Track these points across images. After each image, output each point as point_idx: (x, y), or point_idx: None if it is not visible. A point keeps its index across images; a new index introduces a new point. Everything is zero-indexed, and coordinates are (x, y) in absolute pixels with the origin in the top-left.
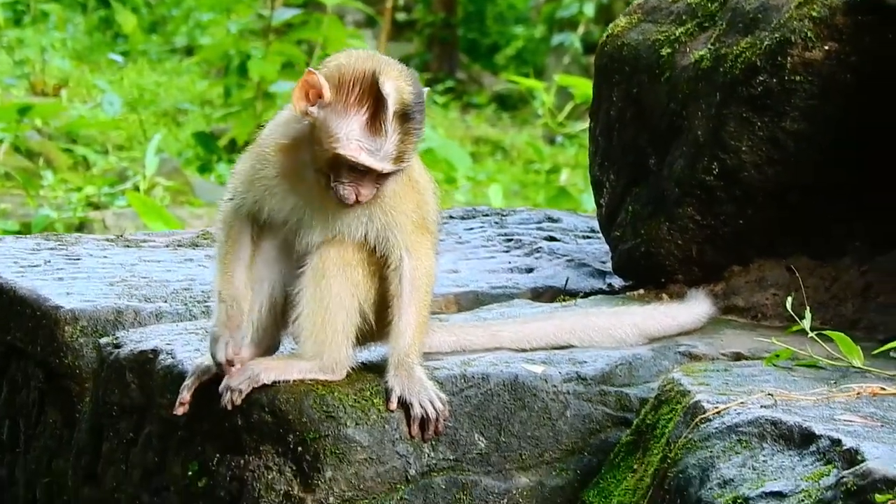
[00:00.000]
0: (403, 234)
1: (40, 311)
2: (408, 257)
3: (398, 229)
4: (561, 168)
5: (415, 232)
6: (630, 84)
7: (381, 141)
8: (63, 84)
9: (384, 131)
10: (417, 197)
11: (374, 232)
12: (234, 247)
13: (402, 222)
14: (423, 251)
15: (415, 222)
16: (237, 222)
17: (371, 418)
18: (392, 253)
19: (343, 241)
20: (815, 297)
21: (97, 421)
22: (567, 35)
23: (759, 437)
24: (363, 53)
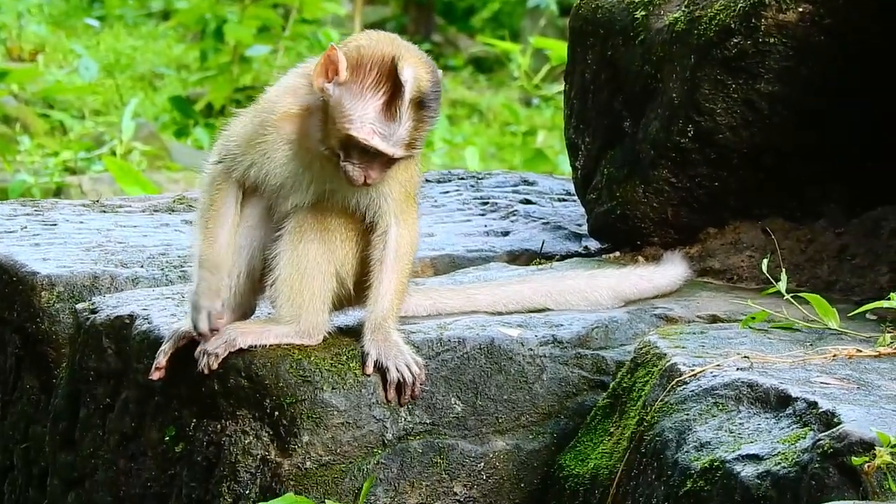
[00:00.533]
0: (396, 202)
1: (17, 277)
2: (396, 225)
3: (391, 198)
4: (537, 130)
5: (405, 201)
6: (604, 47)
7: (395, 126)
8: (39, 49)
9: (399, 117)
10: (412, 169)
11: (368, 199)
12: (220, 211)
13: (396, 191)
14: (410, 220)
15: (406, 191)
16: (224, 186)
17: (348, 383)
18: (381, 220)
19: (324, 206)
20: (791, 259)
21: (74, 386)
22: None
23: (735, 399)
24: (385, 37)
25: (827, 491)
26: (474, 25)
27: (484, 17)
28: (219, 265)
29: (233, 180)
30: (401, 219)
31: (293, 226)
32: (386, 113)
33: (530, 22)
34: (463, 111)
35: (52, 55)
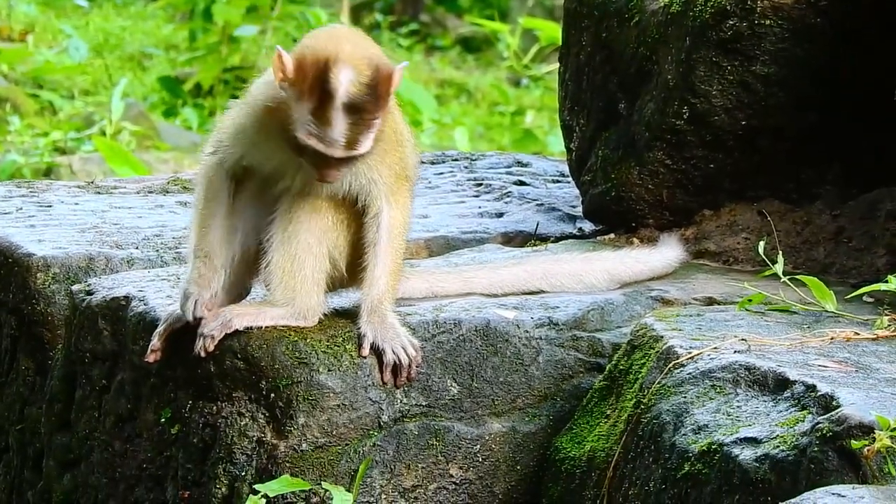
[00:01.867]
0: (386, 185)
1: (12, 258)
2: (388, 207)
3: (382, 182)
4: (526, 110)
5: (395, 182)
6: (599, 28)
7: (329, 130)
8: (29, 29)
9: (331, 120)
10: (401, 150)
11: (358, 186)
12: (213, 202)
13: (386, 175)
14: (402, 200)
15: (396, 174)
16: (217, 177)
17: (343, 364)
18: (373, 203)
19: (315, 190)
20: (787, 241)
21: (70, 368)
22: None
23: (732, 382)
24: (329, 35)
25: (826, 475)
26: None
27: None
28: (209, 254)
29: (225, 171)
30: (392, 200)
31: (284, 209)
32: (320, 116)
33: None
34: (451, 91)
35: (42, 35)
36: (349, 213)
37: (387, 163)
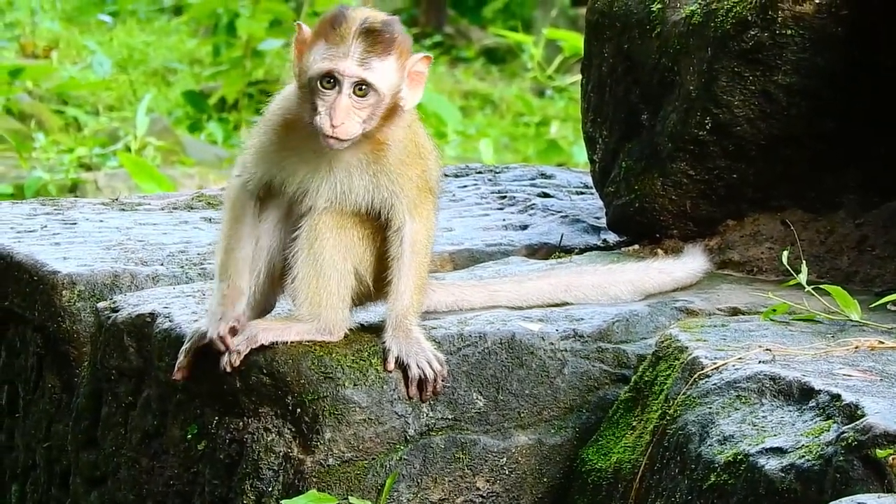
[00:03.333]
0: (408, 198)
1: (37, 276)
2: (410, 220)
3: (403, 195)
4: (550, 121)
5: (418, 195)
6: (621, 40)
7: (343, 48)
8: (53, 46)
9: (343, 38)
10: (423, 163)
11: (380, 198)
12: (237, 224)
13: (408, 188)
14: (425, 214)
15: (419, 186)
16: (242, 199)
17: (369, 379)
18: (395, 217)
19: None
20: (811, 250)
21: (96, 385)
22: None
23: (758, 392)
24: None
25: (851, 484)
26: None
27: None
28: (233, 276)
29: (248, 192)
30: (415, 213)
31: (309, 225)
32: (334, 39)
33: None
34: (476, 102)
35: (66, 51)
36: (373, 227)
37: (408, 175)
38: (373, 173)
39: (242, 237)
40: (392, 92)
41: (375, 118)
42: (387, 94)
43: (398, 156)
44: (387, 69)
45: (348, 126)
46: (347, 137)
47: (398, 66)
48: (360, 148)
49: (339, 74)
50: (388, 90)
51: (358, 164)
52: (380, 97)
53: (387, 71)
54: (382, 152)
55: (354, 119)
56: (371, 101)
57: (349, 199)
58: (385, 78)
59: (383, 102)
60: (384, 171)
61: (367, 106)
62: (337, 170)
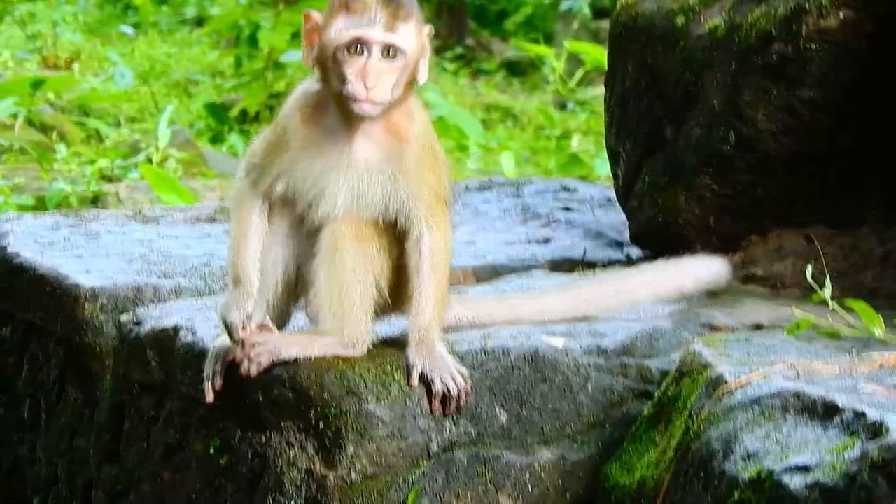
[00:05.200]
0: (425, 206)
1: (60, 288)
2: (428, 231)
3: (420, 201)
4: (572, 134)
5: (435, 205)
6: (644, 54)
7: (368, 15)
8: (75, 57)
9: (366, 6)
10: (439, 169)
11: (398, 203)
12: (244, 225)
13: (425, 194)
14: (442, 225)
15: (436, 194)
16: (252, 202)
17: (392, 393)
18: (413, 226)
19: (357, 215)
20: (835, 265)
21: (118, 398)
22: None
23: (782, 409)
24: None
25: (877, 501)
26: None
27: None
28: (241, 278)
29: (258, 194)
30: (432, 224)
31: (329, 238)
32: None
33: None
34: (497, 115)
35: (88, 63)
36: (391, 238)
37: (426, 180)
38: (391, 173)
39: (250, 236)
40: (415, 58)
41: (401, 85)
42: (411, 58)
43: (416, 155)
44: (411, 33)
45: (381, 89)
46: (381, 100)
47: (418, 34)
48: (379, 142)
49: (368, 40)
50: (412, 54)
51: (377, 162)
52: (406, 60)
53: (411, 35)
54: (401, 147)
55: (385, 82)
56: (399, 65)
57: (367, 200)
58: (410, 42)
59: (408, 68)
60: (402, 172)
61: (396, 69)
62: (356, 165)
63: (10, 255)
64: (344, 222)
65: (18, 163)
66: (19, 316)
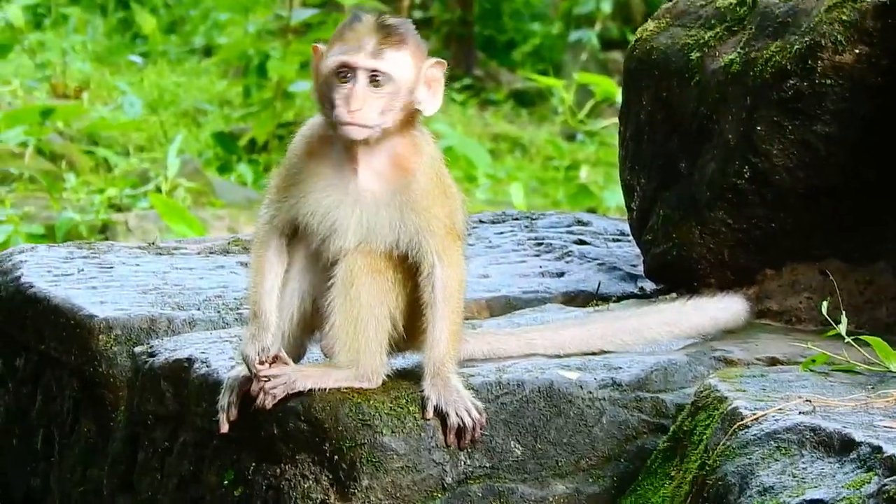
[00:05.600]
0: (435, 239)
1: (74, 320)
2: (440, 265)
3: (430, 234)
4: (580, 165)
5: (446, 238)
6: (659, 88)
7: (357, 42)
8: (84, 86)
9: (357, 34)
10: (449, 203)
11: (408, 237)
12: (264, 263)
13: (435, 227)
14: (454, 258)
15: (447, 227)
16: (269, 237)
17: (407, 426)
18: (424, 260)
19: (371, 248)
20: (850, 300)
21: (132, 430)
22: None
23: (798, 443)
24: None
25: None
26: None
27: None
28: (258, 312)
29: (276, 229)
30: (444, 257)
31: (344, 271)
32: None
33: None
34: (505, 146)
35: (97, 92)
36: (404, 272)
37: (435, 213)
38: (399, 206)
39: (266, 272)
40: (408, 86)
41: (393, 111)
42: (402, 85)
43: (424, 188)
44: (401, 61)
45: (365, 112)
46: (366, 123)
47: (413, 63)
48: (385, 174)
49: (354, 65)
50: (404, 82)
51: (383, 194)
52: (396, 86)
53: (401, 63)
54: (408, 180)
55: (371, 106)
56: (388, 91)
57: (377, 233)
58: (399, 68)
59: (399, 94)
60: (410, 205)
61: (384, 95)
62: (363, 198)
63: (24, 285)
64: (358, 255)
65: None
66: (33, 347)
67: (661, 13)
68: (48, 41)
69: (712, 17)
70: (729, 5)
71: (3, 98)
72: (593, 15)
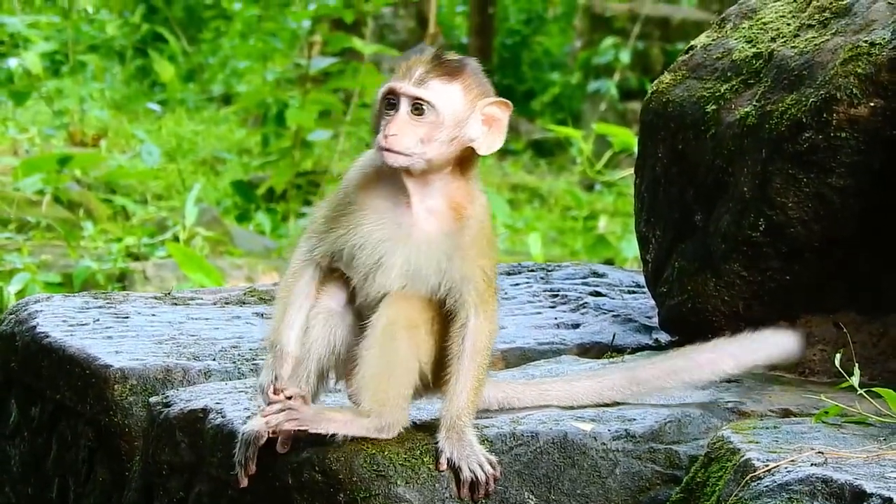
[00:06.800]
0: (477, 290)
1: (90, 369)
2: (475, 317)
3: (473, 285)
4: (599, 215)
5: (486, 291)
6: (675, 140)
7: (406, 72)
8: (102, 134)
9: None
10: (493, 256)
11: (450, 283)
12: (293, 295)
13: (478, 278)
14: (490, 312)
15: (487, 279)
16: (304, 270)
17: (421, 477)
18: (461, 309)
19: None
20: (863, 352)
21: (147, 480)
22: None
23: (810, 495)
24: None
25: None
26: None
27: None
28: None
29: (313, 262)
30: (481, 310)
31: (385, 323)
32: (402, 65)
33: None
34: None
35: (115, 140)
36: (441, 321)
37: (480, 264)
38: (448, 250)
39: (293, 303)
40: (455, 121)
41: (437, 144)
42: (447, 118)
43: (474, 236)
44: (448, 93)
45: (402, 138)
46: (401, 150)
47: (465, 97)
48: (440, 216)
49: (398, 92)
50: (449, 115)
51: (435, 235)
52: (438, 117)
53: (448, 95)
54: (460, 225)
55: (410, 134)
56: (429, 120)
57: (421, 275)
58: (445, 100)
59: (443, 126)
60: (459, 251)
61: (426, 124)
62: (415, 236)
63: (39, 335)
64: (398, 306)
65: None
66: (48, 396)
67: (677, 65)
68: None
69: (728, 69)
70: (745, 58)
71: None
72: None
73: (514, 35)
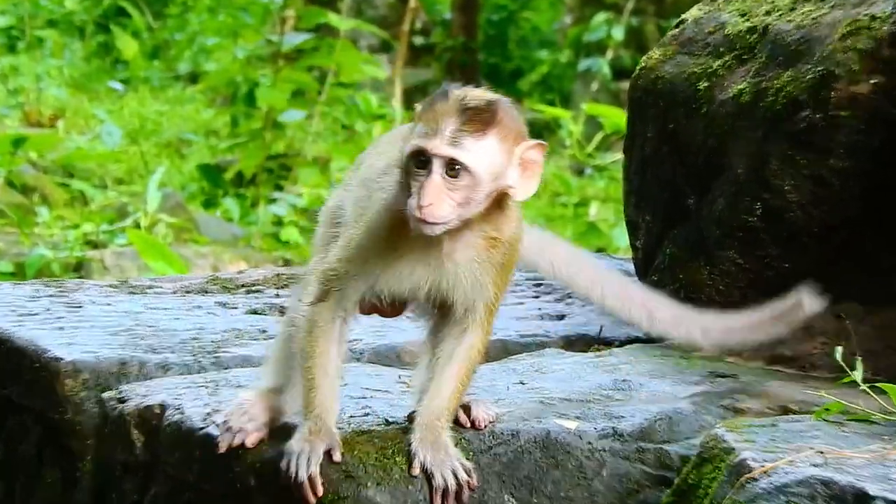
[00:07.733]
0: (486, 307)
1: (39, 362)
2: (473, 331)
3: (484, 303)
4: (590, 201)
5: (493, 306)
6: (666, 119)
7: (436, 126)
8: (59, 114)
9: (438, 116)
10: (508, 280)
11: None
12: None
13: (492, 298)
14: (487, 329)
15: (496, 301)
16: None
17: (393, 479)
18: (467, 320)
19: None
20: (867, 345)
21: (100, 480)
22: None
23: (809, 498)
24: None
25: None
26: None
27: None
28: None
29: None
30: (479, 326)
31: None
32: (429, 120)
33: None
34: None
35: (73, 120)
36: None
37: (498, 283)
38: (477, 271)
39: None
40: (493, 176)
41: (474, 204)
42: (484, 176)
43: (504, 255)
44: (484, 149)
45: (437, 208)
46: (437, 221)
47: (501, 148)
48: (474, 247)
49: (429, 151)
50: (486, 173)
51: (468, 266)
52: (475, 179)
53: (483, 151)
54: (490, 254)
55: (446, 201)
56: (465, 183)
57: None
58: (480, 159)
59: (481, 186)
60: (487, 269)
61: (461, 188)
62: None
63: None
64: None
65: None
66: None
67: (666, 40)
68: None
69: (721, 44)
70: (739, 32)
71: None
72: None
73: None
